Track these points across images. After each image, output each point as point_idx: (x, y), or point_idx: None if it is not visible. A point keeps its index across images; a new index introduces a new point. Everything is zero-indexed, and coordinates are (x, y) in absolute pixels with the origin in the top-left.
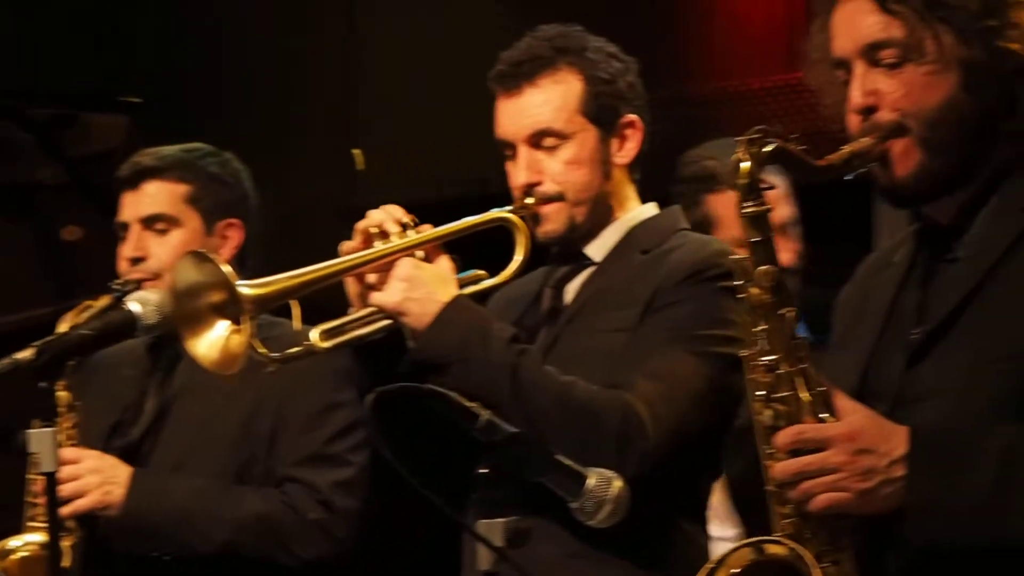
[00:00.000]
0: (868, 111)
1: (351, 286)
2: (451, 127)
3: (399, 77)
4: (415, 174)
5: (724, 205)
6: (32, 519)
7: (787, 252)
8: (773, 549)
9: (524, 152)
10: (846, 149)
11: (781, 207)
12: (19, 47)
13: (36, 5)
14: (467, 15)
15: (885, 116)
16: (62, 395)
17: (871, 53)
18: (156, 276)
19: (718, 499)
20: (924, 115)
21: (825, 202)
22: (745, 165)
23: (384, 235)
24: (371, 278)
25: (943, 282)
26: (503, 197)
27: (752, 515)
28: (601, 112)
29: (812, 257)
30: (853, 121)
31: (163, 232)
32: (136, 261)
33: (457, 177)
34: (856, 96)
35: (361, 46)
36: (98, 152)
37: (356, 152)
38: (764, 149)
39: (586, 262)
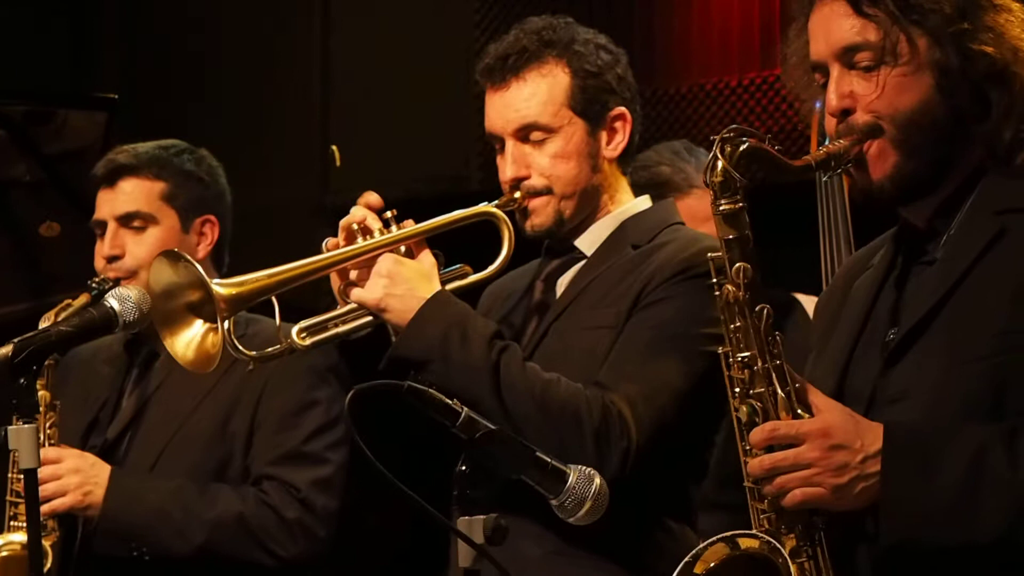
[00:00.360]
0: (844, 113)
1: (334, 282)
2: (426, 125)
3: (374, 75)
4: (390, 172)
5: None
6: (15, 518)
7: None
8: (747, 543)
9: (511, 146)
10: (823, 150)
11: None
12: None
13: (11, 3)
14: (442, 13)
15: (861, 118)
16: (42, 394)
17: (846, 56)
18: (133, 274)
19: None
20: (898, 117)
21: (770, 205)
22: (720, 163)
23: (367, 231)
24: (353, 274)
25: (918, 284)
26: (480, 195)
27: None
28: (588, 105)
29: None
30: (830, 123)
31: (140, 230)
32: (113, 259)
33: (432, 175)
34: (832, 99)
35: (336, 44)
36: (74, 149)
37: (333, 148)
38: (739, 148)
39: (578, 256)
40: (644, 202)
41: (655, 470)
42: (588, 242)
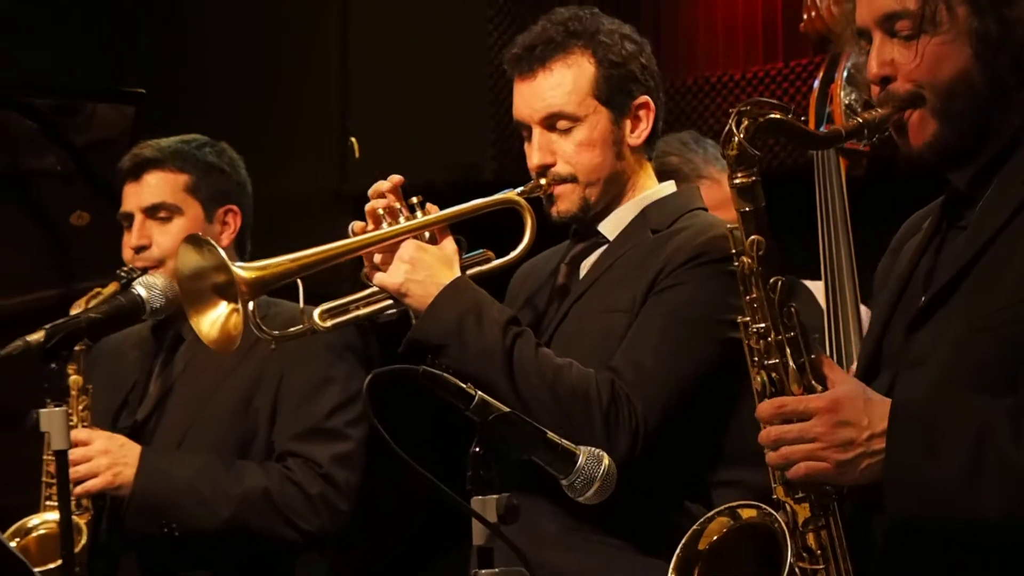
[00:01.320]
0: (884, 81)
1: (366, 264)
2: (442, 116)
3: (391, 66)
4: (406, 161)
5: None
6: (49, 498)
7: None
8: (747, 513)
9: (538, 134)
10: (858, 119)
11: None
12: (23, 39)
13: (35, 1)
14: (458, 5)
15: (901, 86)
16: (74, 378)
17: (887, 23)
18: (160, 263)
19: None
20: (939, 86)
21: (767, 191)
22: (736, 137)
23: (393, 216)
24: (377, 258)
25: (950, 250)
26: (494, 183)
27: None
28: (613, 94)
29: None
30: (873, 91)
31: (166, 220)
32: (141, 249)
33: (447, 164)
34: (873, 65)
35: (354, 36)
36: (102, 140)
37: (352, 140)
38: (762, 119)
39: (601, 240)
40: (668, 187)
41: (669, 452)
42: (611, 226)
